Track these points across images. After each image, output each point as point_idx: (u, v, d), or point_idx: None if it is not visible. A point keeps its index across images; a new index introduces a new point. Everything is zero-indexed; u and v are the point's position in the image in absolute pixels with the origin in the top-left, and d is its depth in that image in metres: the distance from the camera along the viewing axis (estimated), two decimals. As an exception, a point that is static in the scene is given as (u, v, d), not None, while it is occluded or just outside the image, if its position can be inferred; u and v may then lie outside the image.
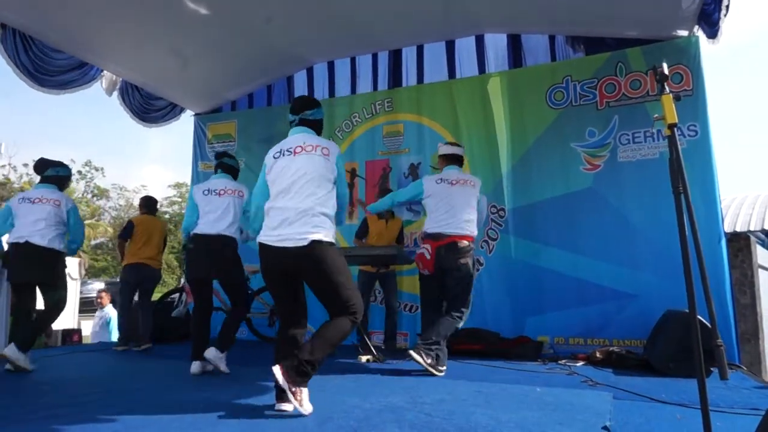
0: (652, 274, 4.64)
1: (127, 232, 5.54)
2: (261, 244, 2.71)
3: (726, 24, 4.47)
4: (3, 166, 22.37)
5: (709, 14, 4.55)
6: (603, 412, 2.52)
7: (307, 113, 2.90)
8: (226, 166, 4.20)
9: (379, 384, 3.37)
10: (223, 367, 3.73)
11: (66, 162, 4.45)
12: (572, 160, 5.13)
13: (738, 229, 8.03)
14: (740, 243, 8.52)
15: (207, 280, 4.04)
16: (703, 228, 4.49)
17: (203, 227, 3.90)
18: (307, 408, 2.44)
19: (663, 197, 4.54)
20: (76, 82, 5.91)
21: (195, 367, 3.75)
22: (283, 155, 2.76)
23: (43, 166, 4.30)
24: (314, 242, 2.58)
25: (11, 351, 3.74)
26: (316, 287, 2.68)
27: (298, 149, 2.74)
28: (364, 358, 4.34)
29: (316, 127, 2.95)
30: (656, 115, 1.92)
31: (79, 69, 5.85)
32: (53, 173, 4.28)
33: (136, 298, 5.47)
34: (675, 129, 1.76)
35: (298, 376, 2.44)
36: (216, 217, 3.90)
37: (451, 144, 4.29)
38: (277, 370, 2.43)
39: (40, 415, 2.51)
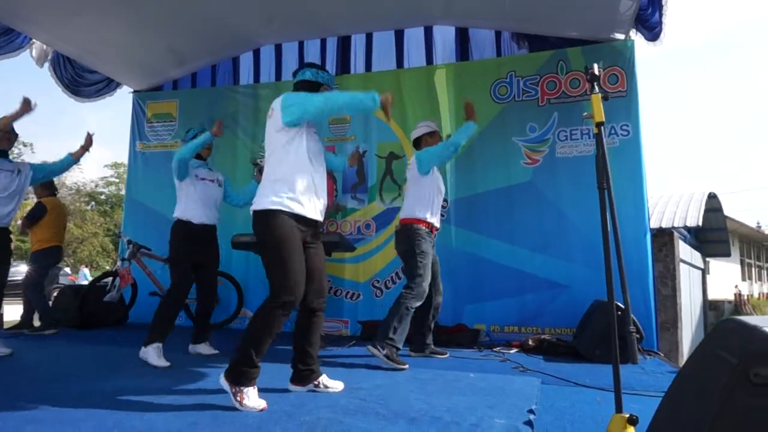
0: (583, 265, 4.86)
1: (39, 213, 5.39)
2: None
3: (667, 27, 4.71)
4: None
5: (646, 18, 4.77)
6: (531, 396, 2.64)
7: (295, 79, 2.84)
8: None
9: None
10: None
11: None
12: (513, 153, 5.27)
13: (663, 225, 8.55)
14: (665, 238, 9.06)
15: None
16: (630, 223, 4.78)
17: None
18: (248, 406, 2.33)
19: (596, 193, 4.76)
20: (1, 49, 5.53)
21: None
22: None
23: None
24: (253, 213, 2.60)
25: None
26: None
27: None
28: (303, 345, 4.33)
29: (298, 90, 2.78)
30: (585, 114, 2.01)
31: (5, 36, 5.47)
32: None
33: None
34: (602, 127, 1.84)
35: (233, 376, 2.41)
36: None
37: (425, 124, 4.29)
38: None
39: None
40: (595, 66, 2.02)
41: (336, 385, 2.71)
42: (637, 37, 4.99)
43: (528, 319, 5.01)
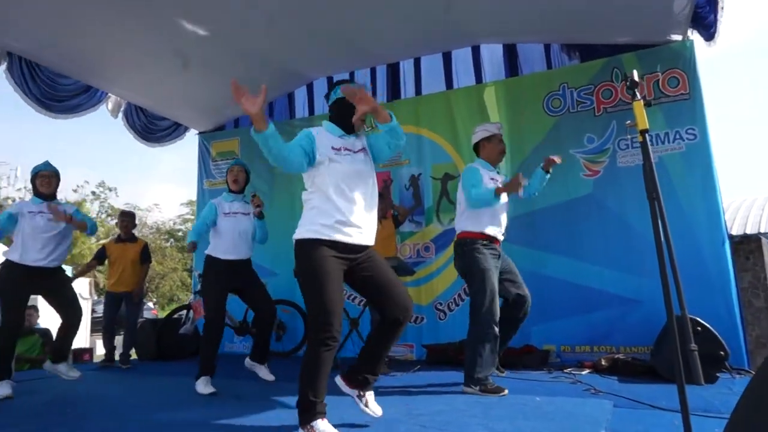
0: (656, 278, 4.56)
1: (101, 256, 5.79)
2: None
3: (723, 26, 4.48)
4: (19, 189, 22.81)
5: (703, 17, 4.55)
6: (600, 420, 2.50)
7: (329, 102, 2.80)
8: None
9: (377, 396, 3.37)
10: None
11: (81, 183, 4.65)
12: (572, 166, 5.11)
13: (748, 232, 7.94)
14: (751, 245, 8.42)
15: None
16: (704, 231, 4.50)
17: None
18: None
19: (663, 201, 4.52)
20: (83, 106, 6.04)
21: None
22: None
23: None
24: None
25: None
26: None
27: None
28: (367, 371, 4.33)
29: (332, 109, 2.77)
30: (628, 122, 1.93)
31: (85, 93, 5.99)
32: None
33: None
34: (646, 135, 1.76)
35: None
36: None
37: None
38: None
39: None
40: (634, 72, 1.94)
41: (376, 410, 2.61)
42: (695, 37, 4.76)
43: (599, 338, 4.77)
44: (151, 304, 19.91)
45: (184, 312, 5.85)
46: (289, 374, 4.24)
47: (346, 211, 2.48)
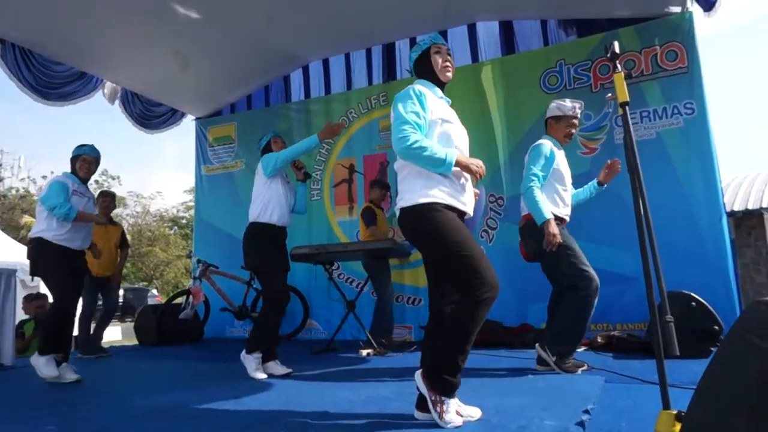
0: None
1: None
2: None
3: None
4: (22, 179, 22.91)
5: (702, -13, 4.47)
6: (590, 395, 2.50)
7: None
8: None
9: (371, 376, 3.40)
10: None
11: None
12: (569, 144, 5.03)
13: (750, 207, 7.87)
14: (753, 221, 8.36)
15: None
16: (702, 207, 4.48)
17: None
18: (447, 420, 2.06)
19: (660, 179, 4.48)
20: (78, 93, 6.02)
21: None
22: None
23: None
24: (404, 210, 2.25)
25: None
26: None
27: None
28: (364, 352, 4.36)
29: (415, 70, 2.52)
30: (609, 95, 1.90)
31: (80, 80, 5.96)
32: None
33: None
34: (627, 108, 1.73)
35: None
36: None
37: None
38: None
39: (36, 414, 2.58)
40: (615, 44, 1.91)
41: (473, 413, 2.21)
42: (695, 8, 4.67)
43: (597, 316, 4.67)
44: (155, 291, 20.06)
45: (184, 297, 5.89)
46: (289, 356, 4.28)
47: (462, 179, 2.29)
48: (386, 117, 6.01)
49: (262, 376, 3.41)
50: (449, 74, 2.47)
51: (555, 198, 3.44)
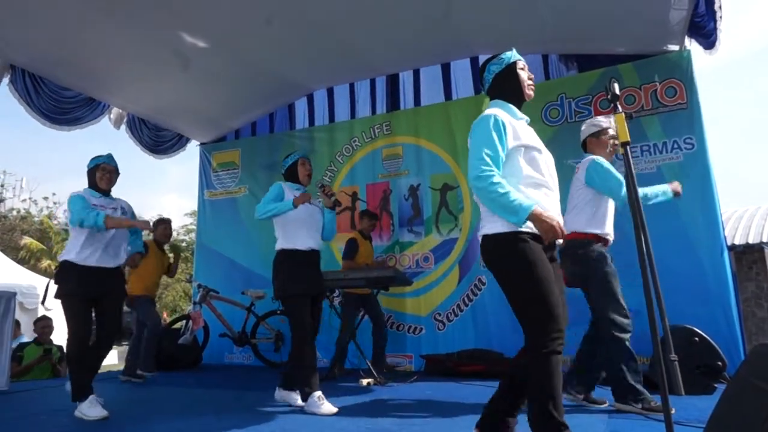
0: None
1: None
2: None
3: (723, 35, 4.49)
4: (24, 200, 22.97)
5: (702, 26, 4.57)
6: (595, 431, 2.48)
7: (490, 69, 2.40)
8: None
9: (372, 407, 3.37)
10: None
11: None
12: (570, 176, 5.10)
13: (751, 241, 7.89)
14: (754, 255, 8.38)
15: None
16: (703, 241, 4.49)
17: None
18: None
19: (659, 212, 4.50)
20: (86, 118, 6.10)
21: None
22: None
23: None
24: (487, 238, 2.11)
25: None
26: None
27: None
28: (365, 382, 4.32)
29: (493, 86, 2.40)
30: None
31: (88, 105, 6.05)
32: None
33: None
34: (628, 148, 1.77)
35: None
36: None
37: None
38: None
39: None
40: (615, 85, 1.96)
41: None
42: (693, 47, 4.78)
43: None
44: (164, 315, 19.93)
45: (183, 322, 5.86)
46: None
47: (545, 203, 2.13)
48: (389, 146, 6.09)
49: (333, 410, 3.13)
50: (532, 93, 2.40)
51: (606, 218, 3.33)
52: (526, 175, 2.11)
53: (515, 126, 2.20)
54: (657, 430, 2.56)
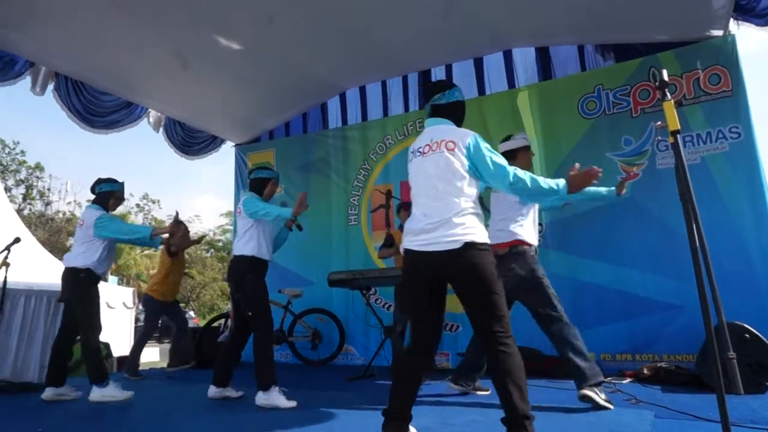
0: (699, 284, 4.41)
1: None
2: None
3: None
4: (69, 203, 23.85)
5: (751, 8, 4.38)
6: (640, 431, 2.41)
7: (436, 98, 2.55)
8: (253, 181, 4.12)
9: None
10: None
11: (126, 196, 4.52)
12: (609, 170, 4.93)
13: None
14: (806, 247, 7.98)
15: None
16: (752, 234, 4.33)
17: None
18: None
19: (705, 203, 4.35)
20: (123, 121, 6.29)
21: None
22: (415, 156, 2.51)
23: (93, 185, 4.25)
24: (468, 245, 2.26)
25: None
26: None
27: (426, 148, 2.46)
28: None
29: (449, 112, 2.56)
30: (658, 123, 1.87)
31: (126, 108, 6.23)
32: (97, 190, 4.22)
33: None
34: (678, 136, 1.70)
35: None
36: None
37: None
38: None
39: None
40: (664, 72, 1.89)
41: None
42: (738, 31, 4.58)
43: (641, 346, 4.61)
44: (192, 313, 20.38)
45: (222, 321, 5.97)
46: (325, 382, 4.26)
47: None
48: (422, 143, 6.04)
49: (292, 404, 3.40)
50: None
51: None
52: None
53: None
54: (707, 430, 2.47)
